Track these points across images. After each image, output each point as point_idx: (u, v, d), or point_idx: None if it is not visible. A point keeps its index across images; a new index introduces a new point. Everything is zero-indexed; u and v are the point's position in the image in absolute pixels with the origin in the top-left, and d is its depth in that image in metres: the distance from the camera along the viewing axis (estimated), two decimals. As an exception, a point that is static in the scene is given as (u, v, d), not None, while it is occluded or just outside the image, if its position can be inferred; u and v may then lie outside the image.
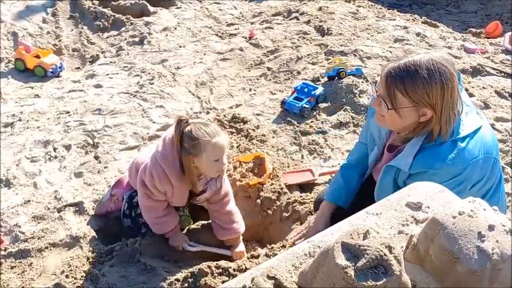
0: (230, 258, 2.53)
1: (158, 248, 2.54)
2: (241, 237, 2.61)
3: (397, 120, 1.88)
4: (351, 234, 1.07)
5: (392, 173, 1.98)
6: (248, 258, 2.48)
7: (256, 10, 5.60)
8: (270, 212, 2.79)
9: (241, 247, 2.59)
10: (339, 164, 2.94)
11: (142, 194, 2.44)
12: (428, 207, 1.36)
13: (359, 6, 5.42)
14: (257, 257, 2.50)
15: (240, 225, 2.58)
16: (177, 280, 2.32)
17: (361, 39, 4.55)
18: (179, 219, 2.58)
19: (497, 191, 2.01)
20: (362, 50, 4.31)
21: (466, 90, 3.74)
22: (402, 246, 1.24)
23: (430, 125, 1.84)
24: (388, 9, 5.61)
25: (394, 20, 5.11)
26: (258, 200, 2.82)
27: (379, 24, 4.87)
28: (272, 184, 2.88)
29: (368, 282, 0.98)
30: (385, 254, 1.00)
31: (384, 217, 1.35)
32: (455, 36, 4.85)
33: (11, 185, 3.07)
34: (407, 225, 1.32)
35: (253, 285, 1.11)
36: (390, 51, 4.32)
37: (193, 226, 2.71)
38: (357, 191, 2.35)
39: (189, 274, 2.33)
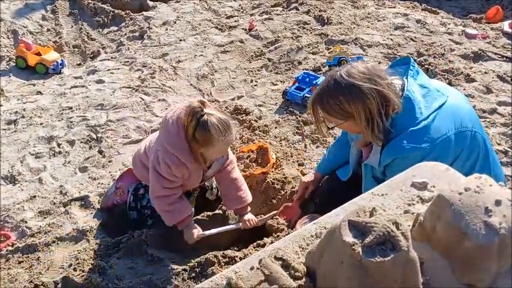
0: (241, 230, 2.60)
1: (165, 239, 2.55)
2: (249, 208, 2.64)
3: (347, 129, 2.10)
4: (357, 213, 1.07)
5: (369, 170, 2.05)
6: (254, 247, 2.48)
7: (255, 1, 5.58)
8: (274, 201, 2.80)
9: (249, 215, 2.62)
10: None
11: (157, 184, 2.41)
12: (433, 186, 1.35)
13: (358, -5, 5.39)
14: (263, 245, 2.50)
15: (247, 194, 2.63)
16: (184, 270, 2.34)
17: (362, 28, 4.53)
18: (192, 210, 2.56)
19: (486, 165, 1.98)
20: (362, 39, 4.29)
21: (468, 75, 3.72)
22: (409, 225, 1.23)
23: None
24: (388, -3, 5.57)
25: (394, 7, 5.08)
26: (262, 190, 2.82)
27: (379, 12, 4.85)
28: (276, 173, 2.89)
29: (376, 258, 0.97)
30: (392, 230, 1.00)
31: (389, 198, 1.35)
32: (456, 22, 4.82)
33: (16, 182, 3.08)
34: (413, 204, 1.32)
35: (261, 265, 1.11)
36: (391, 39, 4.30)
37: (199, 217, 2.71)
38: (345, 186, 2.36)
39: (196, 264, 2.34)
